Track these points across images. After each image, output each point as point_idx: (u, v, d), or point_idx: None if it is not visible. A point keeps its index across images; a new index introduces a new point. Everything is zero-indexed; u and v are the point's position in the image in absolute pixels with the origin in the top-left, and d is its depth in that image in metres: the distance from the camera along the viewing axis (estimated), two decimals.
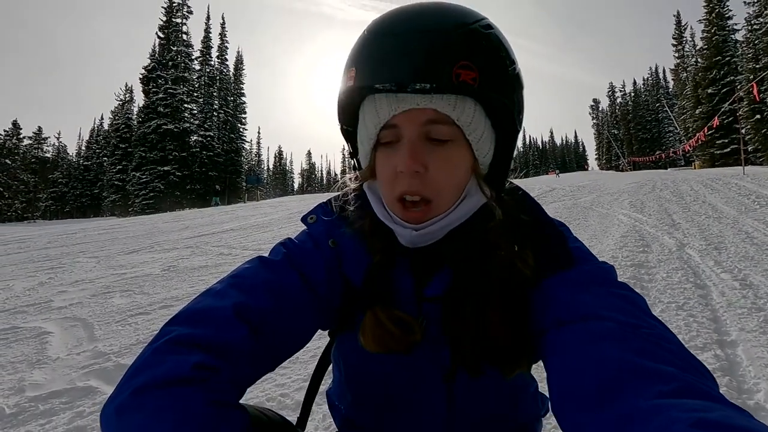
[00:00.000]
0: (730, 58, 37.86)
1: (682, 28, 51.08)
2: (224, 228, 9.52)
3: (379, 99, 0.63)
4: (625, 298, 0.59)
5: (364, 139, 0.68)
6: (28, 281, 5.09)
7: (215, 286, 0.65)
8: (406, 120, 0.62)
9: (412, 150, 0.62)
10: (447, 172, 0.64)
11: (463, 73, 0.58)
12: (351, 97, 0.67)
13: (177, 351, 0.53)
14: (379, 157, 0.67)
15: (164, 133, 38.94)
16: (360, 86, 0.63)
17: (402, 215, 0.66)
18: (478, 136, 0.65)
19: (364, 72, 0.62)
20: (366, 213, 0.72)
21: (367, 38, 0.64)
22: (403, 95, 0.61)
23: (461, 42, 0.60)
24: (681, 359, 0.49)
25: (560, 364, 0.55)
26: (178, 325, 0.57)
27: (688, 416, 0.39)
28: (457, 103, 0.62)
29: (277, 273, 0.67)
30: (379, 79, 0.60)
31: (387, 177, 0.66)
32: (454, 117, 0.62)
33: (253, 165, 69.90)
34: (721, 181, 12.33)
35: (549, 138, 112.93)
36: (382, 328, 0.66)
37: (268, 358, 0.64)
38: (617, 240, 5.68)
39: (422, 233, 0.66)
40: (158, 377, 0.49)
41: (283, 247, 0.72)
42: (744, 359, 2.30)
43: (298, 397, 2.11)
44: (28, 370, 2.59)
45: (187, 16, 43.64)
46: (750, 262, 4.23)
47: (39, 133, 54.30)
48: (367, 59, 0.62)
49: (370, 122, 0.65)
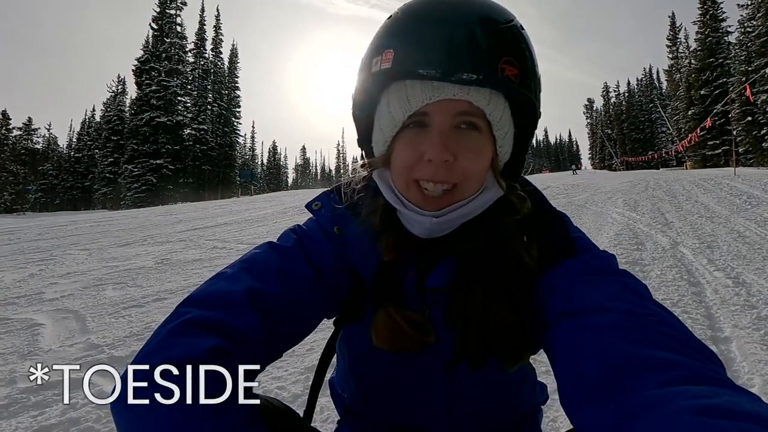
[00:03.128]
0: (723, 60, 38.23)
1: (677, 30, 51.45)
2: (218, 222, 9.46)
3: (411, 85, 0.61)
4: (627, 286, 0.59)
5: (385, 125, 0.65)
6: (18, 273, 5.01)
7: (226, 270, 0.64)
8: (439, 109, 0.61)
9: (444, 139, 0.60)
10: (474, 160, 0.63)
11: (507, 69, 0.58)
12: (380, 81, 0.64)
13: (192, 333, 0.52)
14: (400, 142, 0.65)
15: (157, 125, 38.50)
16: (399, 70, 0.60)
17: (418, 201, 0.64)
18: (504, 133, 0.65)
19: (405, 55, 0.60)
20: (376, 205, 0.71)
21: (405, 22, 0.62)
22: (440, 84, 0.59)
23: (507, 37, 0.60)
24: (686, 345, 0.49)
25: (565, 357, 0.55)
26: (192, 306, 0.56)
27: (694, 404, 0.38)
28: (492, 98, 0.61)
29: (288, 260, 0.66)
30: (422, 64, 0.58)
31: (406, 160, 0.63)
32: (487, 112, 0.62)
33: (247, 159, 69.54)
34: (712, 182, 12.47)
35: (543, 137, 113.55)
36: (398, 328, 0.66)
37: (277, 344, 0.64)
38: (611, 238, 5.72)
39: (442, 221, 0.64)
40: (174, 358, 0.49)
41: (293, 233, 0.71)
42: (738, 355, 2.32)
43: (295, 390, 2.10)
44: (19, 361, 2.55)
45: (181, 7, 43.05)
46: (742, 260, 4.28)
47: (29, 123, 53.44)
48: (408, 43, 0.60)
49: (397, 108, 0.62)
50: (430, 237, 0.66)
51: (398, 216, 0.69)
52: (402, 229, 0.69)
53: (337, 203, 0.74)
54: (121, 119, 44.87)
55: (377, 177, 0.69)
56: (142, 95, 39.32)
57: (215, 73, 47.77)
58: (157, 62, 40.31)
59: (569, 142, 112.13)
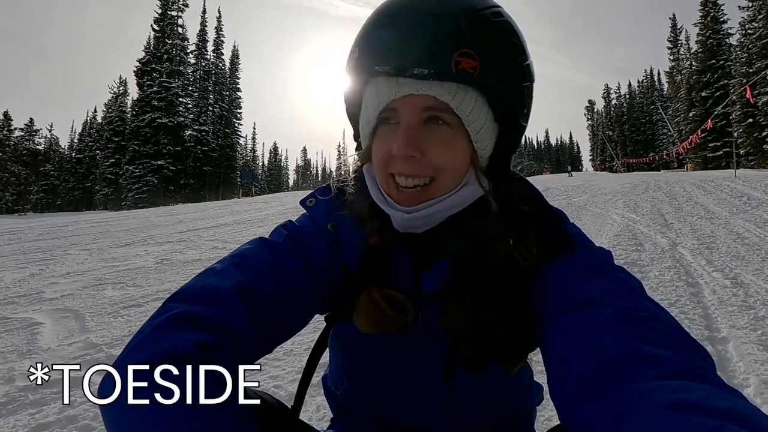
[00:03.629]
0: (724, 61, 38.22)
1: (678, 31, 51.39)
2: (218, 222, 9.47)
3: (380, 82, 0.63)
4: (622, 281, 0.59)
5: (364, 121, 0.68)
6: (19, 272, 5.03)
7: (216, 265, 0.64)
8: (404, 104, 0.62)
9: (408, 134, 0.61)
10: (445, 154, 0.63)
11: (463, 61, 0.57)
12: (354, 79, 0.67)
13: (180, 328, 0.52)
14: (375, 139, 0.67)
15: (158, 126, 38.57)
16: (361, 68, 0.63)
17: (395, 196, 0.65)
18: (478, 127, 0.64)
19: (366, 54, 0.62)
20: (365, 196, 0.72)
21: (372, 20, 0.64)
22: (403, 80, 0.60)
23: (465, 29, 0.58)
24: (677, 342, 0.49)
25: (558, 352, 0.55)
26: (180, 301, 0.56)
27: (669, 398, 0.39)
28: (458, 92, 0.61)
29: (279, 255, 0.66)
30: (378, 62, 0.60)
31: (381, 158, 0.65)
32: (453, 106, 0.61)
33: (248, 160, 69.53)
34: (713, 183, 12.45)
35: (544, 138, 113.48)
36: (376, 308, 0.66)
37: (268, 339, 0.64)
38: (611, 239, 5.72)
39: (414, 216, 0.65)
40: (162, 353, 0.48)
41: (285, 229, 0.71)
42: (734, 355, 2.32)
43: (292, 389, 2.10)
44: (18, 360, 2.56)
45: (182, 9, 43.18)
46: (741, 261, 4.28)
47: (30, 124, 53.56)
48: (369, 42, 0.62)
49: (370, 105, 0.65)
50: (406, 231, 0.67)
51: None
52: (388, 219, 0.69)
53: (332, 199, 0.74)
54: (123, 120, 44.89)
55: (366, 171, 0.71)
56: (143, 96, 39.41)
57: (216, 74, 47.82)
58: (158, 63, 40.37)
59: (570, 143, 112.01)
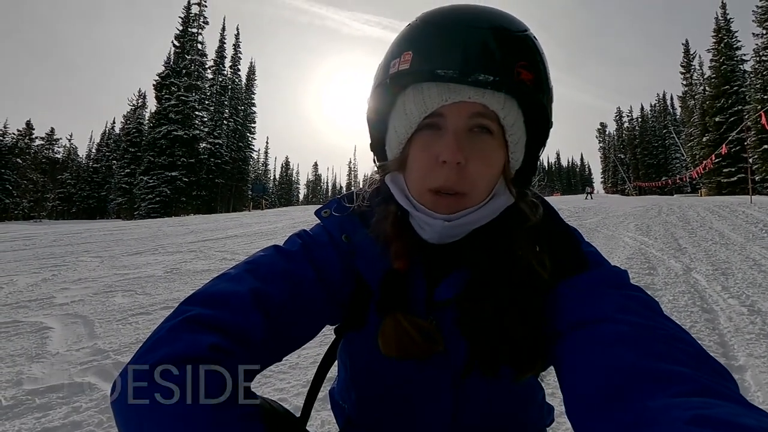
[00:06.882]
0: (738, 87, 37.97)
1: (691, 57, 51.46)
2: (228, 234, 9.54)
3: (428, 87, 0.62)
4: (639, 300, 0.59)
5: (400, 127, 0.66)
6: (31, 277, 5.10)
7: (230, 271, 0.64)
8: (453, 111, 0.62)
9: (458, 140, 0.61)
10: (484, 166, 0.63)
11: (523, 72, 0.59)
12: (397, 83, 0.66)
13: (194, 330, 0.52)
14: (415, 145, 0.66)
15: (174, 139, 39.31)
16: (417, 70, 0.62)
17: (430, 203, 0.64)
18: (516, 139, 0.66)
19: (424, 56, 0.61)
20: (387, 212, 0.71)
21: (424, 28, 0.64)
22: (456, 86, 0.61)
23: (523, 43, 0.61)
24: (696, 360, 0.48)
25: (573, 368, 0.55)
26: (195, 305, 0.57)
27: (689, 414, 0.38)
28: (506, 103, 0.62)
29: (293, 263, 0.66)
30: (440, 65, 0.59)
31: (423, 165, 0.64)
32: (501, 116, 0.63)
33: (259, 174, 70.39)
34: (728, 209, 12.24)
35: (555, 159, 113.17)
36: (407, 335, 0.65)
37: (279, 347, 0.64)
38: (622, 261, 5.63)
39: (454, 225, 0.64)
40: (175, 354, 0.49)
41: (299, 238, 0.71)
42: (752, 384, 2.25)
43: (297, 403, 2.08)
44: (26, 363, 2.58)
45: (203, 26, 44.47)
46: (758, 288, 4.17)
47: (51, 134, 55.16)
48: (427, 45, 0.62)
49: (413, 110, 0.64)
50: (440, 242, 0.67)
51: (410, 221, 0.69)
52: (413, 235, 0.69)
53: (347, 209, 0.74)
54: (140, 132, 45.92)
55: (390, 181, 0.70)
56: (161, 109, 40.29)
57: (233, 89, 48.88)
58: (177, 78, 41.42)
59: (581, 165, 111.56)
